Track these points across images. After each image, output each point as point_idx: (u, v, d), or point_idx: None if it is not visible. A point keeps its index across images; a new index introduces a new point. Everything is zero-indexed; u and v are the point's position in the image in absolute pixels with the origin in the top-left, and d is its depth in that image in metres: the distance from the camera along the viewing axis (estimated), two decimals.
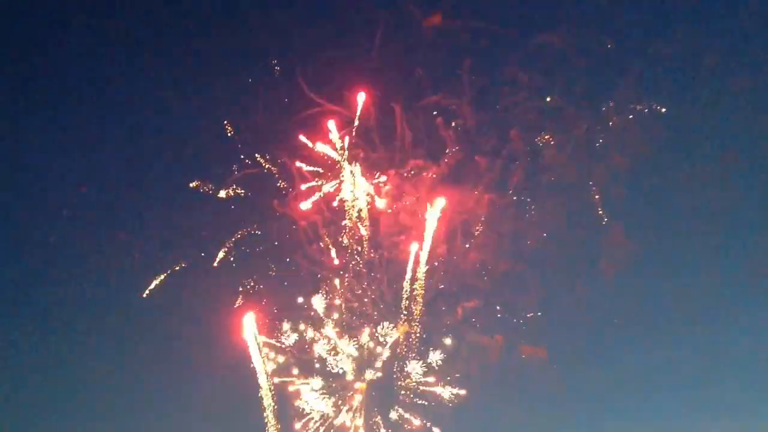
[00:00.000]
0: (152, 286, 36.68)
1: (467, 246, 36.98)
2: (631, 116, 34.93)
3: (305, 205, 36.46)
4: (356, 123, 35.41)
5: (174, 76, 38.23)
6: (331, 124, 35.38)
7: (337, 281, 36.93)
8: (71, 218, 39.08)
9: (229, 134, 36.98)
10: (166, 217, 38.16)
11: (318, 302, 36.69)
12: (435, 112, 35.61)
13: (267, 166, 37.11)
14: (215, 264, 36.90)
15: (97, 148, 39.46)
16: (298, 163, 36.35)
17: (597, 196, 36.11)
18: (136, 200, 39.02)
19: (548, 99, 35.01)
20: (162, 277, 36.76)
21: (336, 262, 36.86)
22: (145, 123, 39.47)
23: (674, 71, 34.93)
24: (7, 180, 38.87)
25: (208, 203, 37.21)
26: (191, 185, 36.92)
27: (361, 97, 35.06)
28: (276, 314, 36.84)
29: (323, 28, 35.72)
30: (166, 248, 37.51)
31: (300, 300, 36.89)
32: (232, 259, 37.18)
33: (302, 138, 35.91)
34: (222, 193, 37.04)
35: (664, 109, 34.31)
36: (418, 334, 36.28)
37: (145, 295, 36.75)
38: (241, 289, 37.15)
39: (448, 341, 36.35)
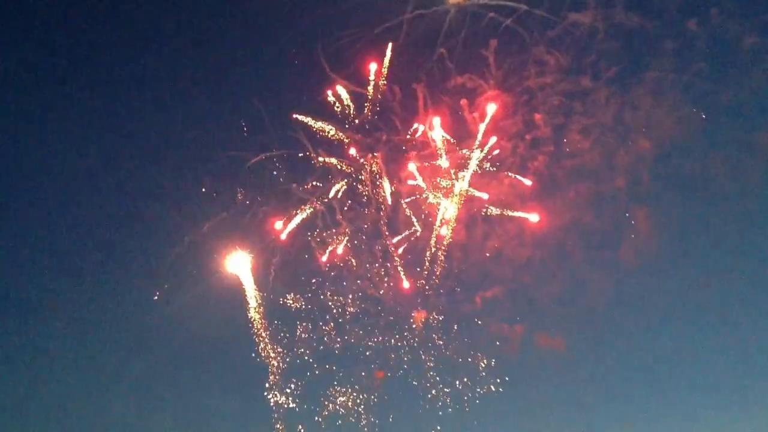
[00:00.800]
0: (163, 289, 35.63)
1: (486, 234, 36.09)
2: (662, 100, 33.89)
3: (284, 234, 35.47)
4: (385, 69, 34.18)
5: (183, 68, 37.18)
6: (340, 89, 34.35)
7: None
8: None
9: (244, 133, 35.74)
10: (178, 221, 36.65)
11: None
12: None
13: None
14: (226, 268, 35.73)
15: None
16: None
17: (622, 185, 35.33)
18: (145, 201, 37.66)
19: (577, 81, 33.88)
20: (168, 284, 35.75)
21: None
22: (149, 122, 38.00)
23: (709, 54, 33.75)
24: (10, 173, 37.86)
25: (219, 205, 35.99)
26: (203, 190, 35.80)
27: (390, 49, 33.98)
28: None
29: (344, 7, 34.17)
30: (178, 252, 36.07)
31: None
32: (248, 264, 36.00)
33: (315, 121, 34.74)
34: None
35: (701, 113, 33.48)
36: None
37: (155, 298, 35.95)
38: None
39: None
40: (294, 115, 34.83)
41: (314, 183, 35.61)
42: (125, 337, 37.81)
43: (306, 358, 36.06)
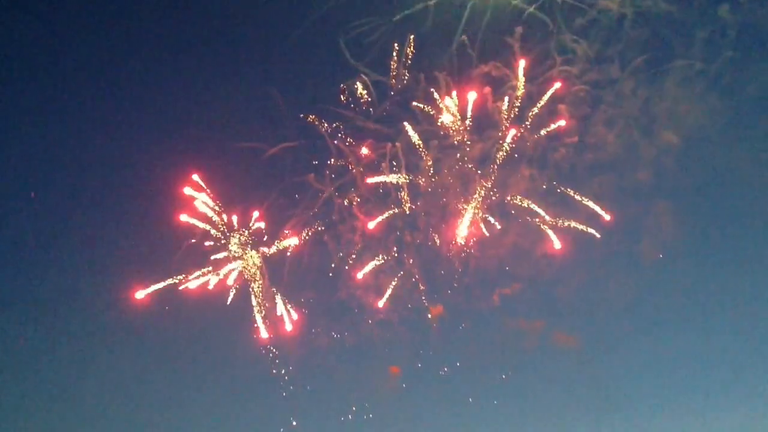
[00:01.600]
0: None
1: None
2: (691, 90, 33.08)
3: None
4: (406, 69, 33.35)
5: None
6: (359, 81, 33.69)
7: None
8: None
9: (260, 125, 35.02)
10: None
11: None
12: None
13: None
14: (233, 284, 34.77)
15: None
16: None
17: (644, 178, 34.45)
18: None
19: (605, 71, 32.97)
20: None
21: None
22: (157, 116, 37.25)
23: (740, 42, 32.87)
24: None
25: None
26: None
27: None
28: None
29: None
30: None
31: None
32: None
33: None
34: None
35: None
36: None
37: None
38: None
39: None
40: (312, 109, 34.32)
41: (332, 176, 34.91)
42: (128, 339, 37.23)
43: (320, 358, 35.75)
